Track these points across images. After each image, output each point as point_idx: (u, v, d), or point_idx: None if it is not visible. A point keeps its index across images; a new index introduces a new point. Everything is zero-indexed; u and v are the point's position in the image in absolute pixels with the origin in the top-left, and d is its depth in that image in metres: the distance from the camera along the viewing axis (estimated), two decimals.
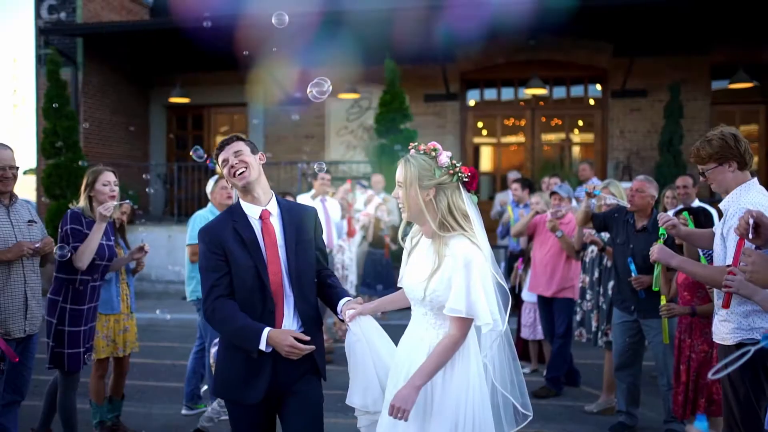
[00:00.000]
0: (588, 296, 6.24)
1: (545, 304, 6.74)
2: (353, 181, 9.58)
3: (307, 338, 3.03)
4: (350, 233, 8.40)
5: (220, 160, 3.20)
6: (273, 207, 3.22)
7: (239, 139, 3.25)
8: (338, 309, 3.18)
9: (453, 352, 2.76)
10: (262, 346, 2.98)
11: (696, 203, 6.63)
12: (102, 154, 13.33)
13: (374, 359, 3.02)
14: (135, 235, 10.35)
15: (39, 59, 13.64)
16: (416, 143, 2.94)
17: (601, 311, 6.10)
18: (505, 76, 14.50)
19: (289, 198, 8.04)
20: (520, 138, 14.96)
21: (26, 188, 14.89)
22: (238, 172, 3.13)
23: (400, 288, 3.12)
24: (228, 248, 3.09)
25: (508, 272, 9.23)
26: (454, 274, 2.72)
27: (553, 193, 6.76)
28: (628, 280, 5.29)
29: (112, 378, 5.47)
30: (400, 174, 2.86)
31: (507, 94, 14.93)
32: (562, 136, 14.97)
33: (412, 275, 2.91)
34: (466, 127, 14.77)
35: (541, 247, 6.77)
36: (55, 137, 11.76)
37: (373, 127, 11.80)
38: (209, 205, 6.11)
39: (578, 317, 6.36)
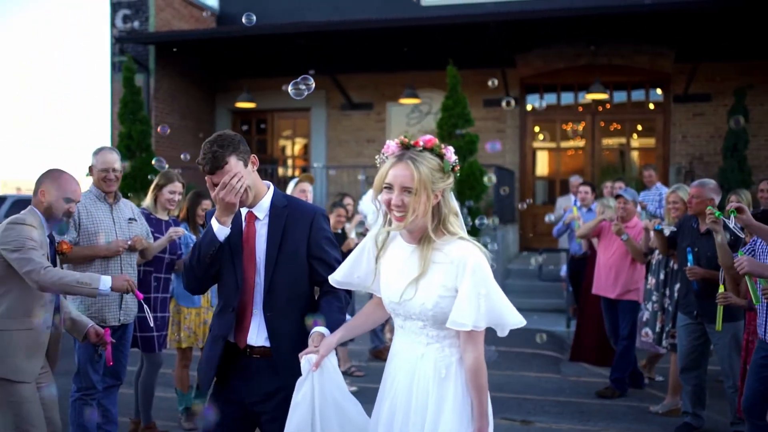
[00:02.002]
0: (654, 298, 6.32)
1: (610, 306, 6.84)
2: None
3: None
4: None
5: (211, 180, 2.80)
6: (261, 209, 2.91)
7: (231, 152, 2.79)
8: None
9: (485, 370, 2.44)
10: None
11: None
12: (172, 158, 13.79)
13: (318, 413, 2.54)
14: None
15: (113, 66, 14.26)
16: (404, 136, 2.52)
17: (667, 313, 6.17)
18: (564, 81, 14.55)
19: (348, 201, 8.24)
20: (579, 142, 14.98)
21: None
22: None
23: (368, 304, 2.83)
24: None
25: (570, 275, 9.32)
26: (463, 284, 2.39)
27: (618, 196, 6.85)
28: (691, 281, 5.36)
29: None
30: (405, 177, 2.41)
31: (566, 98, 14.97)
32: (622, 140, 14.92)
33: (396, 286, 2.52)
34: (525, 132, 14.86)
35: (606, 250, 6.87)
36: (130, 141, 12.30)
37: (435, 131, 12.01)
38: None
39: (644, 317, 6.44)
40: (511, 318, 2.49)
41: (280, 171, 16.11)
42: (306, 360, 2.56)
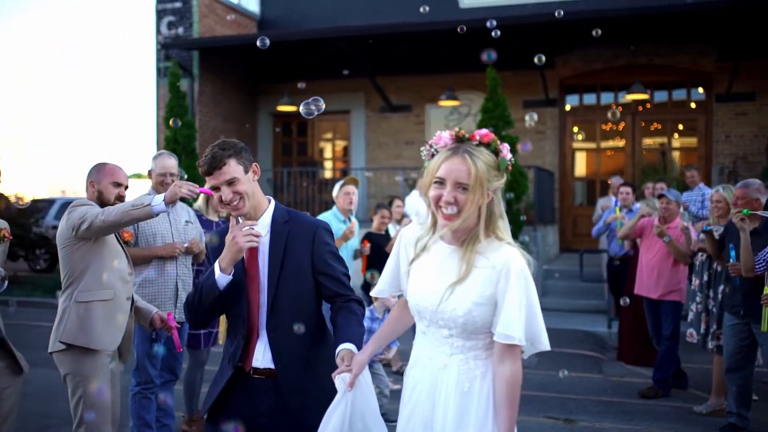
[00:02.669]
0: (698, 299, 6.33)
1: (652, 306, 6.85)
2: None
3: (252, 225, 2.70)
4: None
5: (208, 183, 2.78)
6: (262, 225, 2.81)
7: (231, 156, 2.74)
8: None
9: (520, 384, 2.28)
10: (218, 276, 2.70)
11: None
12: None
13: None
14: None
15: (159, 71, 14.62)
16: (458, 129, 2.34)
17: (711, 314, 6.18)
18: (604, 81, 14.52)
19: (398, 202, 8.37)
20: (619, 143, 14.91)
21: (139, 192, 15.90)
22: (232, 204, 2.75)
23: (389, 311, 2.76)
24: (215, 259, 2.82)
25: (609, 277, 9.32)
26: (508, 293, 2.22)
27: (661, 196, 6.86)
28: (734, 278, 5.38)
29: None
30: (461, 172, 2.22)
31: (606, 98, 14.93)
32: (663, 140, 14.82)
33: (429, 288, 2.35)
34: (564, 133, 14.86)
35: (648, 251, 6.89)
36: (176, 144, 12.61)
37: None
38: (334, 207, 6.55)
39: (689, 318, 6.45)
40: (543, 337, 2.31)
41: (321, 173, 16.32)
42: (340, 380, 2.45)
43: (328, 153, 16.90)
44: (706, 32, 12.89)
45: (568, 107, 14.99)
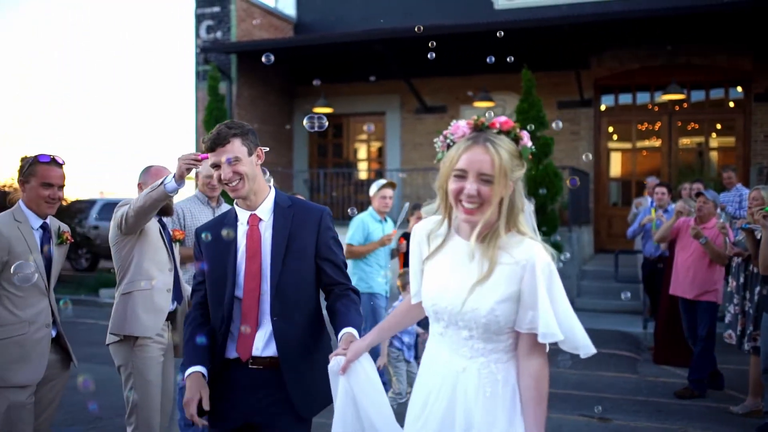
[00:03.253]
0: (735, 300, 6.34)
1: (688, 306, 6.87)
2: None
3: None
4: None
5: (210, 159, 2.74)
6: (264, 210, 2.77)
7: (236, 135, 2.71)
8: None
9: (548, 379, 2.17)
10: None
11: None
12: None
13: (358, 417, 2.37)
14: None
15: (198, 75, 14.94)
16: (476, 117, 2.18)
17: (748, 316, 6.18)
18: (640, 81, 14.46)
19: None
20: (655, 143, 14.84)
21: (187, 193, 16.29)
22: (230, 184, 2.70)
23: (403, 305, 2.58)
24: (205, 251, 2.80)
25: (644, 279, 9.31)
26: (539, 290, 2.09)
27: (699, 194, 6.88)
28: None
29: None
30: (484, 162, 2.08)
31: (642, 98, 14.87)
32: (700, 140, 14.70)
33: (447, 288, 2.20)
34: (600, 133, 14.83)
35: (683, 251, 6.90)
36: None
37: None
38: (370, 208, 6.69)
39: (727, 319, 6.45)
40: (582, 336, 2.18)
41: (356, 174, 16.50)
42: (335, 361, 2.38)
43: (363, 154, 17.08)
44: (744, 31, 12.78)
45: (603, 107, 14.96)
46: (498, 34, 6.64)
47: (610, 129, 15.09)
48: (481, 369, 2.16)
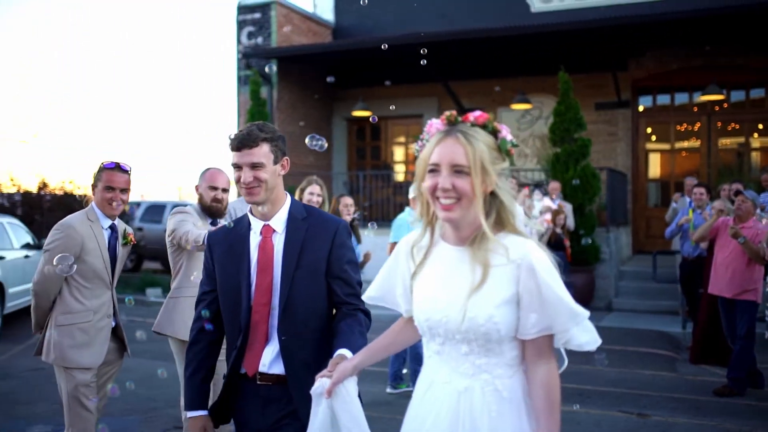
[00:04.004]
0: None
1: (727, 305, 6.92)
2: (531, 188, 10.09)
3: None
4: None
5: (232, 160, 2.60)
6: (278, 221, 2.63)
7: (266, 140, 2.58)
8: None
9: (559, 384, 2.01)
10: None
11: None
12: (293, 164, 14.62)
13: None
14: None
15: (239, 80, 15.30)
16: (449, 113, 2.06)
17: None
18: (678, 82, 14.43)
19: None
20: (694, 143, 14.78)
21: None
22: (249, 188, 2.57)
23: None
24: (218, 261, 2.67)
25: (682, 279, 9.32)
26: (542, 290, 1.94)
27: (738, 193, 6.93)
28: None
29: None
30: (456, 153, 1.96)
31: (680, 99, 14.83)
32: (741, 140, 14.61)
33: (439, 300, 2.04)
34: (637, 134, 14.83)
35: (722, 250, 6.95)
36: None
37: (548, 136, 12.29)
38: (407, 208, 6.90)
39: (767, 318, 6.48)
40: (590, 327, 2.05)
41: (394, 177, 16.71)
42: (320, 383, 2.22)
43: (400, 156, 17.28)
44: None
45: (641, 108, 14.96)
46: (531, 32, 6.73)
47: (648, 130, 15.08)
48: (485, 387, 1.99)
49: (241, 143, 2.54)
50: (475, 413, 1.97)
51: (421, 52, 13.39)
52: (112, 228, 4.09)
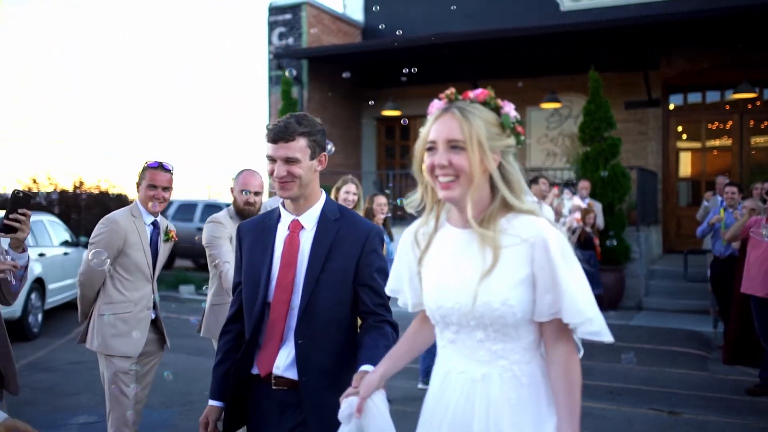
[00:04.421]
0: None
1: (760, 304, 6.90)
2: (560, 187, 10.12)
3: None
4: None
5: (267, 151, 2.45)
6: (309, 218, 2.51)
7: (304, 134, 2.43)
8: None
9: (579, 364, 1.92)
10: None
11: None
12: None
13: None
14: None
15: (271, 80, 15.50)
16: (449, 91, 1.99)
17: None
18: (710, 80, 14.32)
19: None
20: (726, 142, 14.66)
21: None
22: (282, 182, 2.44)
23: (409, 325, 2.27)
24: (245, 251, 2.58)
25: (712, 278, 9.28)
26: (560, 269, 1.83)
27: None
28: None
29: None
30: (452, 129, 1.89)
31: (712, 97, 14.72)
32: None
33: (450, 285, 1.95)
34: (668, 133, 14.74)
35: (755, 249, 6.92)
36: None
37: (578, 135, 12.29)
38: None
39: None
40: (598, 320, 1.92)
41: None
42: (347, 404, 2.08)
43: None
44: None
45: (671, 107, 14.87)
46: (560, 31, 6.77)
47: (679, 128, 14.99)
48: (503, 374, 1.91)
49: (277, 136, 2.41)
50: (494, 402, 1.90)
51: (450, 52, 13.50)
52: (155, 224, 4.26)
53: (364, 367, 2.22)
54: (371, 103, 14.90)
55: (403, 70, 12.45)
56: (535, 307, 1.88)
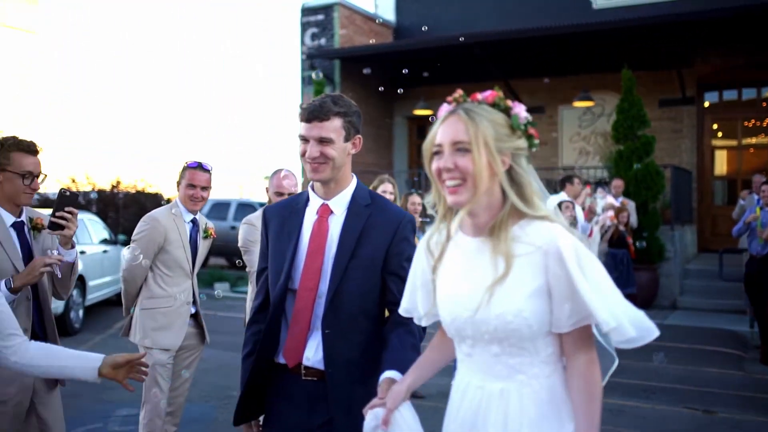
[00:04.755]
0: None
1: None
2: (593, 185, 10.09)
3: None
4: (589, 234, 8.94)
5: (300, 131, 2.35)
6: (339, 203, 2.41)
7: (340, 114, 2.34)
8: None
9: (599, 374, 1.84)
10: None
11: None
12: (355, 163, 14.93)
13: None
14: None
15: (303, 80, 15.65)
16: (457, 94, 1.91)
17: None
18: (746, 77, 14.15)
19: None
20: (763, 140, 14.46)
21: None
22: (314, 163, 2.34)
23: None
24: (271, 236, 2.48)
25: (748, 277, 9.17)
26: (576, 277, 1.74)
27: None
28: None
29: None
30: (457, 131, 1.82)
31: (748, 94, 14.54)
32: None
33: (463, 297, 1.87)
34: (703, 131, 14.58)
35: None
36: None
37: (611, 133, 12.23)
38: None
39: None
40: (627, 326, 1.81)
41: None
42: (373, 415, 2.00)
43: None
44: None
45: (706, 104, 14.72)
46: (593, 30, 6.77)
47: (714, 126, 14.82)
48: (521, 389, 1.83)
49: (311, 115, 2.32)
50: (512, 418, 1.82)
51: (481, 51, 13.51)
52: (194, 222, 4.41)
53: (390, 374, 2.13)
54: (400, 91, 14.86)
55: (426, 72, 12.56)
56: (552, 317, 1.80)
